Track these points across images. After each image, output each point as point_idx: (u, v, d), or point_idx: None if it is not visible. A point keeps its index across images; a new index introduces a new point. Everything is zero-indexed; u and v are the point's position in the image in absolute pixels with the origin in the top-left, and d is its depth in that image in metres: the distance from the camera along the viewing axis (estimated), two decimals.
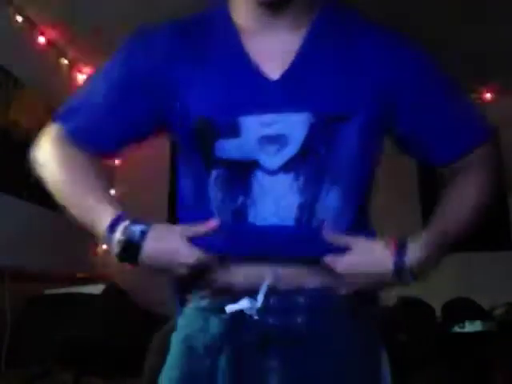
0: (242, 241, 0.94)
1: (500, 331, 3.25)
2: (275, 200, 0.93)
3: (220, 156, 0.94)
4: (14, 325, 2.67)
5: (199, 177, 0.98)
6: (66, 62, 3.70)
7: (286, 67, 0.96)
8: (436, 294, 3.70)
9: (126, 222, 0.91)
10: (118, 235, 0.90)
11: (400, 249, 0.90)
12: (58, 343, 2.52)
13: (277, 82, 0.95)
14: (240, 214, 0.95)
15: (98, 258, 3.86)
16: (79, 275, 3.59)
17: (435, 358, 2.99)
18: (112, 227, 0.91)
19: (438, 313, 3.56)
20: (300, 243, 0.94)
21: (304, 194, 0.93)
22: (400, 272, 0.89)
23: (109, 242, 0.92)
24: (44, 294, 2.93)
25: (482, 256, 4.06)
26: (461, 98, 1.07)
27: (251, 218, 0.94)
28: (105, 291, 2.94)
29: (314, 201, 0.94)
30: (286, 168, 0.93)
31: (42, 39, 3.37)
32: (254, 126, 0.93)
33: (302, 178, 0.93)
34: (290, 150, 0.93)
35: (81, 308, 2.72)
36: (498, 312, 3.46)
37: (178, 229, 0.94)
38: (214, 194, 0.96)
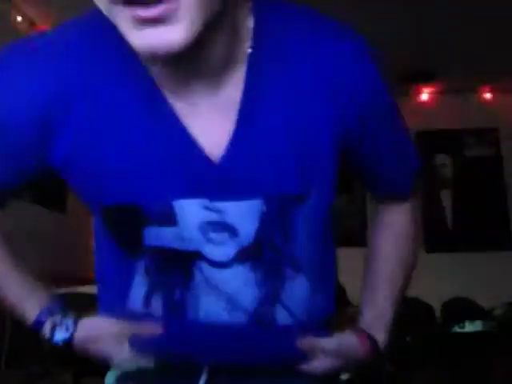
0: (182, 340, 0.81)
1: (500, 331, 3.25)
2: (226, 294, 0.78)
3: (150, 244, 0.76)
4: (14, 325, 2.67)
5: (120, 263, 0.81)
6: None
7: (225, 143, 0.73)
8: (436, 294, 3.71)
9: (47, 328, 0.80)
10: (44, 340, 0.81)
11: (373, 345, 0.86)
12: None
13: (221, 163, 0.73)
14: (176, 308, 0.79)
15: None
16: (79, 275, 3.59)
17: (435, 357, 2.99)
18: (36, 328, 0.81)
19: (438, 313, 3.56)
20: (262, 346, 0.81)
21: (264, 286, 0.79)
22: (375, 359, 0.87)
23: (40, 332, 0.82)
24: None
25: (481, 256, 4.06)
26: (400, 130, 0.89)
27: (191, 314, 0.79)
28: None
29: (276, 293, 0.80)
30: (239, 259, 0.77)
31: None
32: (194, 209, 0.74)
33: (260, 270, 0.79)
34: (241, 242, 0.76)
35: (81, 308, 2.72)
36: (497, 312, 3.46)
37: (112, 328, 0.81)
38: (140, 284, 0.80)
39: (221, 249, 0.76)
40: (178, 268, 0.78)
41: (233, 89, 0.73)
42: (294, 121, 0.76)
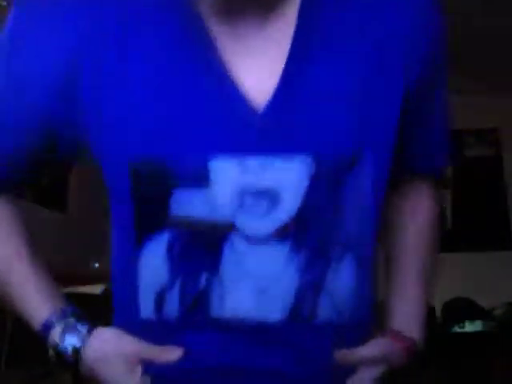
0: (202, 350, 0.66)
1: (500, 331, 3.25)
2: (259, 281, 0.65)
3: (177, 213, 0.65)
4: (14, 325, 2.67)
5: (132, 243, 0.68)
6: None
7: (274, 86, 0.64)
8: (436, 294, 3.70)
9: (58, 331, 0.69)
10: (51, 345, 0.70)
11: (411, 346, 0.77)
12: None
13: (265, 111, 0.64)
14: (199, 302, 0.66)
15: (98, 258, 3.86)
16: (79, 275, 3.59)
17: (435, 358, 2.99)
18: (44, 333, 0.70)
19: (438, 313, 3.56)
20: (298, 348, 0.67)
21: (308, 271, 0.65)
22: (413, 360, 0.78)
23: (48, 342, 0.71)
24: None
25: (482, 256, 4.06)
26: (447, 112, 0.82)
27: (215, 310, 0.65)
28: (105, 291, 2.93)
29: (321, 280, 0.66)
30: (279, 235, 0.65)
31: None
32: (232, 173, 0.64)
33: (303, 251, 0.65)
34: (284, 212, 0.64)
35: (81, 308, 2.73)
36: (497, 312, 3.46)
37: (127, 349, 0.68)
38: (158, 268, 0.66)
39: (258, 220, 0.64)
40: (205, 246, 0.65)
41: (285, 23, 0.65)
42: (355, 68, 0.66)
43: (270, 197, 0.64)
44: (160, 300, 0.67)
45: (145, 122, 0.65)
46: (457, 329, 3.31)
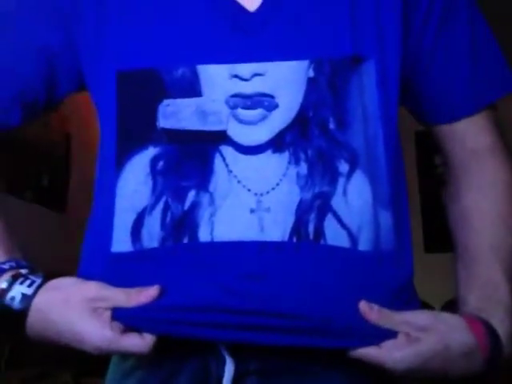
0: (185, 286, 0.56)
1: None
2: (254, 197, 0.57)
3: (164, 126, 0.60)
4: None
5: (109, 159, 0.62)
6: None
7: None
8: (436, 294, 3.70)
9: (7, 277, 0.60)
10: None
11: (490, 334, 0.58)
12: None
13: (257, 12, 0.61)
14: (184, 224, 0.57)
15: None
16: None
17: None
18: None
19: None
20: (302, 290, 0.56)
21: (310, 187, 0.58)
22: (491, 363, 0.58)
23: None
24: None
25: None
26: (483, 33, 0.74)
27: (204, 233, 0.57)
28: None
29: (327, 197, 0.58)
30: (277, 144, 0.59)
31: None
32: (222, 78, 0.60)
33: (304, 164, 0.58)
34: (281, 118, 0.59)
35: None
36: None
37: (91, 294, 0.58)
38: (139, 188, 0.60)
39: (252, 128, 0.59)
40: (194, 160, 0.59)
41: None
42: None
43: (265, 103, 0.59)
44: (137, 227, 0.59)
45: (134, 28, 0.63)
46: None
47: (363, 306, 0.57)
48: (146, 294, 0.56)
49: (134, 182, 0.60)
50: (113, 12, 0.64)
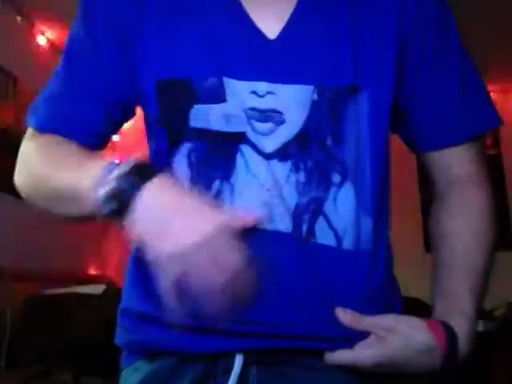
0: None
1: (500, 331, 3.24)
2: (265, 193, 0.70)
3: (195, 125, 0.73)
4: (13, 325, 2.67)
5: (161, 153, 0.76)
6: None
7: (284, 22, 0.75)
8: None
9: (125, 167, 0.63)
10: (109, 183, 0.62)
11: (449, 334, 0.70)
12: (57, 343, 2.52)
13: (275, 41, 0.74)
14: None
15: (98, 257, 3.85)
16: (79, 275, 3.59)
17: None
18: (103, 178, 0.63)
19: None
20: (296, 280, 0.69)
21: (307, 192, 0.70)
22: (449, 360, 0.70)
23: (96, 196, 0.63)
24: (44, 294, 2.93)
25: None
26: (472, 72, 0.84)
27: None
28: (105, 291, 2.93)
29: (320, 202, 0.70)
30: (282, 154, 0.71)
31: (42, 39, 3.37)
32: (242, 93, 0.72)
33: (302, 170, 0.71)
34: (287, 132, 0.71)
35: (81, 308, 2.72)
36: (498, 312, 3.45)
37: (206, 201, 0.65)
38: (183, 174, 0.73)
39: (264, 137, 0.71)
40: (220, 155, 0.71)
41: None
42: (356, 7, 0.75)
43: (275, 117, 0.71)
44: None
45: (173, 46, 0.75)
46: None
47: (338, 311, 0.69)
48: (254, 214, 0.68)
49: (179, 171, 0.73)
50: (151, 28, 0.77)
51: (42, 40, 3.37)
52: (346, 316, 0.69)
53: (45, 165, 0.77)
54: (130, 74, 0.77)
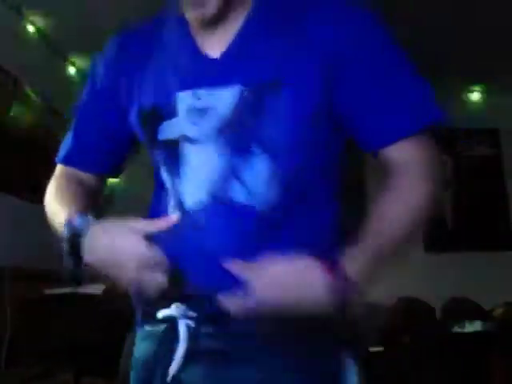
0: (188, 239, 0.90)
1: (500, 331, 3.25)
2: (199, 175, 0.90)
3: (161, 138, 0.94)
4: (13, 325, 2.67)
5: (154, 165, 1.00)
6: (66, 62, 3.70)
7: (227, 45, 0.94)
8: (436, 294, 3.70)
9: (73, 220, 0.89)
10: (66, 230, 0.89)
11: (334, 267, 0.78)
12: (57, 343, 2.52)
13: (216, 59, 0.94)
14: (178, 200, 0.92)
15: None
16: None
17: (435, 358, 2.99)
18: (68, 225, 0.90)
19: (438, 313, 3.56)
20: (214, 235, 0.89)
21: (225, 159, 0.88)
22: (337, 292, 0.77)
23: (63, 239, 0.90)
24: (44, 294, 2.93)
25: (481, 256, 4.06)
26: (406, 73, 0.93)
27: (184, 206, 0.91)
28: (105, 291, 2.93)
29: (236, 167, 0.88)
30: (214, 137, 0.89)
31: (42, 39, 3.37)
32: (187, 99, 0.92)
33: (230, 148, 0.88)
34: (219, 119, 0.89)
35: (81, 308, 2.72)
36: (497, 312, 3.46)
37: (129, 223, 0.86)
38: (165, 179, 0.96)
39: (200, 127, 0.90)
40: (174, 156, 0.93)
41: (237, 19, 0.95)
42: (289, 31, 0.92)
43: (208, 113, 0.90)
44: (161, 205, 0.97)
45: (146, 82, 0.98)
46: (457, 329, 3.31)
47: (226, 264, 0.83)
48: (170, 218, 0.90)
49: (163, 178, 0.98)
50: (134, 74, 1.01)
51: (42, 40, 3.36)
52: (233, 266, 0.81)
53: (51, 196, 1.09)
54: (122, 113, 1.01)
